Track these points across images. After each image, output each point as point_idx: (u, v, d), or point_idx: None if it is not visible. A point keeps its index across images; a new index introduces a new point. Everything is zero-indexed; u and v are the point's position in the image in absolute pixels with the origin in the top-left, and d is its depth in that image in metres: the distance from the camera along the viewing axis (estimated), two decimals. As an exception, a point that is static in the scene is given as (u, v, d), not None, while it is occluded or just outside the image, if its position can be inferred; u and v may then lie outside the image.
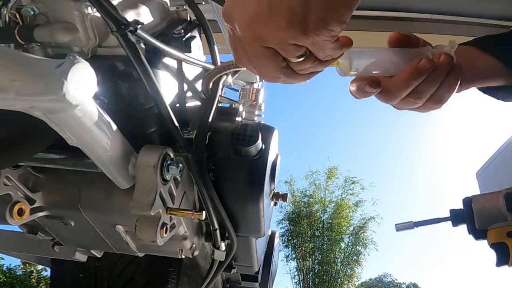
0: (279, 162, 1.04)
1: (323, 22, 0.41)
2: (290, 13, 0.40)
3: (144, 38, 0.64)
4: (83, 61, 0.49)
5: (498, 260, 0.79)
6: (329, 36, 0.43)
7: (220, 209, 0.89)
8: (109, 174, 0.69)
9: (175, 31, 0.83)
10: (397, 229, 0.89)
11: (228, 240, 1.01)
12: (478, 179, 4.62)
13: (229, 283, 1.72)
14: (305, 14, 0.40)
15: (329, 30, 0.42)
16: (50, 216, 0.85)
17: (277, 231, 1.87)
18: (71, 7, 0.65)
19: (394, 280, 17.84)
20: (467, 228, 0.83)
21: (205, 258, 1.36)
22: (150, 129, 0.78)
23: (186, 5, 0.94)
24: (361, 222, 13.45)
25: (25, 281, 11.35)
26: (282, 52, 0.45)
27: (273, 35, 0.42)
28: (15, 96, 0.45)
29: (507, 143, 3.97)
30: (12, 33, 0.64)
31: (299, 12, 0.40)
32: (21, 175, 0.78)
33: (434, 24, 2.50)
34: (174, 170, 0.74)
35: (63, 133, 0.55)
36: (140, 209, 0.70)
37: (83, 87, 0.50)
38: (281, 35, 0.42)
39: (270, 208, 1.11)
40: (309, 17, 0.40)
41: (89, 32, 0.67)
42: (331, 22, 0.41)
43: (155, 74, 0.65)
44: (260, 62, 0.47)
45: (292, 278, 13.18)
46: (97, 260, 1.32)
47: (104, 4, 0.57)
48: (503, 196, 0.79)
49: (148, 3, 0.80)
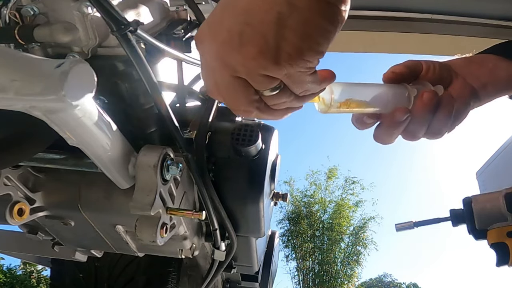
0: (279, 162, 1.04)
1: (298, 52, 0.37)
2: (262, 40, 0.36)
3: (144, 38, 0.64)
4: (83, 61, 0.49)
5: (498, 260, 0.79)
6: (305, 68, 0.39)
7: (220, 209, 0.89)
8: (109, 174, 0.69)
9: (175, 31, 0.83)
10: (397, 229, 0.89)
11: (228, 240, 1.01)
12: (478, 179, 4.62)
13: (229, 283, 1.72)
14: (278, 42, 0.37)
15: (305, 61, 0.38)
16: (50, 216, 0.85)
17: (277, 231, 1.87)
18: (71, 7, 0.65)
19: (394, 280, 17.84)
20: (467, 228, 0.83)
21: (205, 258, 1.36)
22: (150, 129, 0.78)
23: (186, 5, 0.94)
24: (361, 222, 13.47)
25: (25, 281, 11.36)
26: (253, 83, 0.41)
27: (243, 64, 0.38)
28: (15, 96, 0.45)
29: (507, 143, 3.97)
30: (12, 33, 0.64)
31: (272, 40, 0.36)
32: (21, 175, 0.78)
33: (434, 24, 2.50)
34: (174, 170, 0.74)
35: (63, 133, 0.55)
36: (140, 209, 0.70)
37: (83, 87, 0.50)
38: (251, 64, 0.38)
39: (270, 208, 1.11)
40: (283, 45, 0.37)
41: (89, 32, 0.67)
42: (307, 52, 0.38)
43: (155, 74, 0.65)
44: (230, 94, 0.43)
45: (292, 278, 13.20)
46: (97, 260, 1.32)
47: (104, 4, 0.57)
48: (503, 196, 0.79)
49: (148, 3, 0.80)
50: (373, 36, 2.63)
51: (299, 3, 0.36)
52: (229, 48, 0.38)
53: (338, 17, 0.38)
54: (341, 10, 0.38)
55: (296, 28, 0.36)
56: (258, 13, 0.36)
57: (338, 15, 0.38)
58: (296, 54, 0.37)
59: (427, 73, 0.60)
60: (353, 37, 2.68)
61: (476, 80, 0.60)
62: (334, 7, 0.37)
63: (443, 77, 0.60)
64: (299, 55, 0.38)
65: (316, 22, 0.37)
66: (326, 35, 0.38)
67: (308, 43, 0.37)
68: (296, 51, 0.37)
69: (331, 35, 0.38)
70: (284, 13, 0.36)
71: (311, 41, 0.37)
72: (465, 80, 0.60)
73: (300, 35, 0.37)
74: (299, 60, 0.38)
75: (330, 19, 0.37)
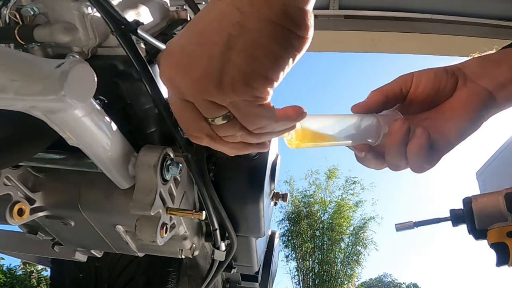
0: (279, 162, 1.04)
1: (242, 76, 0.34)
2: (207, 62, 0.34)
3: (144, 38, 0.64)
4: (83, 61, 0.49)
5: (498, 260, 0.79)
6: (251, 97, 0.36)
7: (220, 209, 0.89)
8: (109, 174, 0.69)
9: (175, 31, 0.83)
10: (397, 229, 0.89)
11: (228, 240, 1.01)
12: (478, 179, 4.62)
13: (229, 283, 1.72)
14: (223, 65, 0.34)
15: (250, 88, 0.35)
16: (50, 216, 0.85)
17: (277, 231, 1.87)
18: (71, 7, 0.65)
19: (394, 280, 17.85)
20: (467, 228, 0.83)
21: (205, 258, 1.36)
22: (150, 129, 0.78)
23: (186, 5, 0.94)
24: (361, 222, 13.48)
25: (25, 281, 11.36)
26: (200, 109, 0.38)
27: (188, 87, 0.36)
28: (15, 96, 0.45)
29: (507, 143, 3.97)
30: (12, 33, 0.64)
31: (217, 62, 0.34)
32: (21, 175, 0.78)
33: (434, 24, 2.50)
34: (174, 170, 0.74)
35: (63, 133, 0.55)
36: (140, 209, 0.70)
37: (83, 87, 0.50)
38: (196, 87, 0.36)
39: (270, 208, 1.11)
40: (227, 68, 0.34)
41: (89, 32, 0.67)
42: (252, 77, 0.35)
43: (155, 74, 0.65)
44: (179, 117, 0.41)
45: (292, 278, 13.20)
46: (97, 260, 1.32)
47: (104, 4, 0.57)
48: (503, 196, 0.79)
49: (148, 3, 0.80)
50: (373, 36, 2.63)
51: (250, 25, 0.33)
52: (178, 70, 0.36)
53: (293, 43, 0.35)
54: (297, 36, 0.35)
55: (243, 50, 0.34)
56: (210, 34, 0.34)
57: (292, 40, 0.35)
58: (240, 78, 0.35)
59: (417, 87, 0.53)
60: (353, 37, 2.68)
61: (492, 81, 0.51)
62: (288, 32, 0.34)
63: (441, 85, 0.52)
64: (243, 79, 0.35)
65: (265, 45, 0.34)
66: (276, 60, 0.35)
67: (253, 67, 0.34)
68: (240, 75, 0.34)
69: (282, 61, 0.35)
70: (234, 35, 0.34)
71: (257, 65, 0.35)
72: (477, 83, 0.51)
73: (246, 58, 0.34)
74: (243, 86, 0.35)
75: (282, 43, 0.35)
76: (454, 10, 2.45)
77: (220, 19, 0.34)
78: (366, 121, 0.53)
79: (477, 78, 0.51)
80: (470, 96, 0.51)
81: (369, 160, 0.55)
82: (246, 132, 0.41)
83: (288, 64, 0.36)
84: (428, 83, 0.52)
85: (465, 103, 0.51)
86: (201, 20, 0.36)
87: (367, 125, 0.53)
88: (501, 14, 2.40)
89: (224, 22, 0.34)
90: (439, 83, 0.52)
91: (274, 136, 0.44)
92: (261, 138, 0.43)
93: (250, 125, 0.40)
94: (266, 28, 0.34)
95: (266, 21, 0.34)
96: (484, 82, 0.51)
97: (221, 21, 0.34)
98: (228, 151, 0.45)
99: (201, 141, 0.43)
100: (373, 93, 0.54)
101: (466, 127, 0.51)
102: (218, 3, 0.35)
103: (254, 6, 0.33)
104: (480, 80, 0.51)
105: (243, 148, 0.45)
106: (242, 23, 0.33)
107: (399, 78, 0.54)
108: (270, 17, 0.33)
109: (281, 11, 0.34)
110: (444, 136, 0.51)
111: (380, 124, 0.53)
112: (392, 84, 0.54)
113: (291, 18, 0.34)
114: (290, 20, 0.34)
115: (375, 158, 0.54)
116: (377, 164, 0.55)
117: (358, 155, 0.55)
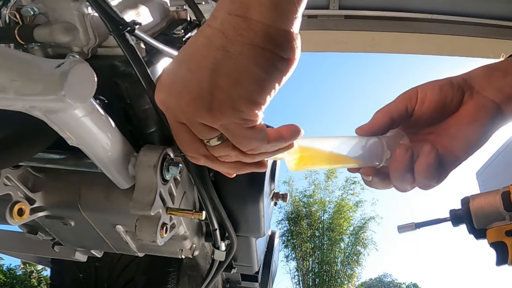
0: (279, 162, 1.04)
1: (229, 100, 0.35)
2: (197, 87, 0.35)
3: (143, 38, 0.64)
4: (83, 61, 0.49)
5: (498, 259, 0.79)
6: (239, 119, 0.37)
7: (220, 209, 0.89)
8: (109, 174, 0.69)
9: (175, 31, 0.83)
10: (399, 231, 0.89)
11: (228, 240, 1.01)
12: (478, 179, 4.62)
13: (229, 283, 1.72)
14: (212, 89, 0.35)
15: (237, 111, 0.36)
16: (50, 216, 0.85)
17: (277, 231, 1.87)
18: (71, 7, 0.65)
19: (394, 280, 17.83)
20: (466, 228, 0.83)
21: (205, 258, 1.36)
22: (150, 129, 0.78)
23: (186, 5, 0.94)
24: (361, 222, 13.47)
25: (25, 281, 11.36)
26: (194, 131, 0.39)
27: (181, 110, 0.37)
28: (15, 96, 0.45)
29: (507, 143, 3.97)
30: (12, 33, 0.64)
31: (206, 87, 0.35)
32: (21, 175, 0.78)
33: (434, 24, 2.50)
34: (174, 170, 0.74)
35: (63, 133, 0.55)
36: (140, 209, 0.70)
37: (83, 87, 0.50)
38: (187, 111, 0.37)
39: (270, 208, 1.11)
40: (215, 93, 0.35)
41: (89, 32, 0.67)
42: (238, 101, 0.35)
43: (155, 74, 0.65)
44: (176, 138, 0.42)
45: (292, 278, 13.20)
46: (97, 260, 1.32)
47: (102, 4, 0.57)
48: (500, 195, 0.79)
49: (148, 3, 0.80)
50: (373, 36, 2.63)
51: (232, 49, 0.34)
52: (171, 94, 0.37)
53: (276, 65, 0.35)
54: (281, 58, 0.35)
55: (228, 75, 0.34)
56: (199, 59, 0.35)
57: (277, 63, 0.35)
58: (227, 103, 0.35)
59: (423, 104, 0.51)
60: (353, 37, 2.68)
61: (499, 93, 0.48)
62: (270, 54, 0.34)
63: (447, 100, 0.50)
64: (230, 103, 0.35)
65: (248, 69, 0.34)
66: (260, 83, 0.35)
67: (238, 90, 0.35)
68: (227, 99, 0.35)
69: (267, 84, 0.36)
70: (219, 59, 0.34)
71: (243, 89, 0.35)
72: (484, 95, 0.49)
73: (231, 83, 0.35)
74: (231, 109, 0.36)
75: (265, 67, 0.35)
76: (454, 10, 2.45)
77: (207, 44, 0.35)
78: (370, 143, 0.51)
79: (483, 90, 0.49)
80: (477, 110, 0.49)
81: (376, 183, 0.54)
82: (239, 152, 0.41)
83: (274, 87, 0.36)
84: (434, 98, 0.50)
85: (472, 117, 0.49)
86: (191, 45, 0.37)
87: (371, 146, 0.51)
88: (501, 14, 2.40)
89: (210, 47, 0.34)
90: (445, 98, 0.50)
91: (269, 156, 0.44)
92: (255, 158, 0.43)
93: (242, 146, 0.40)
94: (249, 51, 0.34)
95: (249, 44, 0.34)
96: (491, 94, 0.49)
97: (207, 46, 0.35)
98: (226, 171, 0.46)
99: (198, 161, 0.44)
100: (378, 115, 0.52)
101: (474, 143, 0.49)
102: (206, 28, 0.35)
103: (238, 30, 0.34)
104: (486, 92, 0.49)
105: (241, 167, 0.45)
106: (226, 47, 0.34)
107: (402, 95, 0.52)
108: (253, 41, 0.34)
109: (264, 34, 0.34)
110: (451, 153, 0.50)
111: (384, 149, 0.52)
112: (396, 103, 0.52)
113: (274, 40, 0.34)
114: (274, 42, 0.34)
115: (382, 180, 0.53)
116: (384, 186, 0.54)
117: (365, 179, 0.54)
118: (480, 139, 0.49)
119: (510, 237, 0.77)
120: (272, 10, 0.33)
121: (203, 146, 0.41)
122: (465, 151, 0.50)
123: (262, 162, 0.46)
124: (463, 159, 0.50)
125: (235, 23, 0.33)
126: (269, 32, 0.34)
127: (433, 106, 0.50)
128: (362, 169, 0.53)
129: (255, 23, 0.33)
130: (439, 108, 0.50)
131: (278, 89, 0.37)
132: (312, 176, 13.91)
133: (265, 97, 0.36)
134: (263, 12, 0.33)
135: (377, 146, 0.52)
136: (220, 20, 0.34)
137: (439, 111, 0.51)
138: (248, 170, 0.46)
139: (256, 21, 0.33)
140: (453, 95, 0.50)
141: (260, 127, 0.39)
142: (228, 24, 0.34)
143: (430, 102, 0.50)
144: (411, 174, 0.49)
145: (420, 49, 2.74)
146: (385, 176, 0.53)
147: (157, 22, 0.84)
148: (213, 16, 0.35)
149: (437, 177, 0.49)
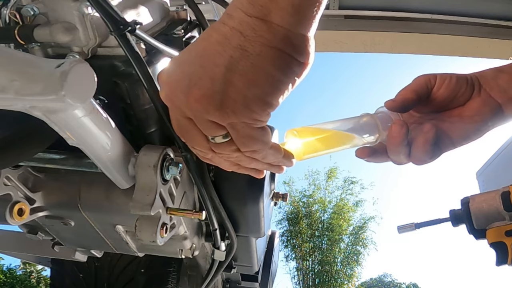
0: (279, 162, 1.03)
1: (243, 99, 0.35)
2: (209, 83, 0.35)
3: (143, 38, 0.64)
4: (83, 61, 0.49)
5: (498, 259, 0.79)
6: (250, 119, 0.37)
7: (220, 209, 0.89)
8: (109, 174, 0.69)
9: (175, 31, 0.83)
10: (399, 231, 0.89)
11: (228, 240, 1.01)
12: (478, 179, 4.62)
13: (229, 283, 1.72)
14: (225, 87, 0.35)
15: (250, 111, 0.36)
16: (50, 216, 0.85)
17: (277, 231, 1.87)
18: (71, 7, 0.65)
19: (394, 280, 17.84)
20: (466, 228, 0.83)
21: (205, 258, 1.36)
22: (150, 129, 0.78)
23: (186, 5, 0.94)
24: (360, 222, 13.47)
25: (25, 281, 11.36)
26: (200, 127, 0.39)
27: (188, 106, 0.37)
28: (15, 96, 0.45)
29: (507, 143, 3.98)
30: (12, 33, 0.64)
31: (219, 84, 0.35)
32: (21, 175, 0.78)
33: (434, 24, 2.50)
34: (174, 170, 0.74)
35: (63, 133, 0.55)
36: (140, 209, 0.70)
37: (83, 87, 0.50)
38: (196, 107, 0.36)
39: (270, 208, 1.11)
40: (229, 91, 0.35)
41: (89, 32, 0.67)
42: (253, 102, 0.35)
43: (155, 74, 0.65)
44: (182, 134, 0.43)
45: (292, 278, 13.19)
46: (97, 260, 1.32)
47: (103, 4, 0.57)
48: (500, 195, 0.79)
49: (148, 3, 0.80)
50: (373, 36, 2.63)
51: (252, 49, 0.34)
52: (178, 89, 0.37)
53: (293, 68, 0.36)
54: (297, 61, 0.36)
55: (244, 74, 0.34)
56: (213, 56, 0.35)
57: (292, 65, 0.36)
58: (241, 102, 0.35)
59: (439, 89, 0.54)
60: (353, 37, 2.68)
61: (502, 94, 0.52)
62: (288, 57, 0.35)
63: (459, 93, 0.53)
64: (243, 102, 0.35)
65: (265, 70, 0.35)
66: (276, 85, 0.36)
67: (254, 91, 0.35)
68: (241, 98, 0.35)
69: (282, 85, 0.36)
70: (236, 58, 0.34)
71: (258, 89, 0.35)
72: (489, 94, 0.53)
73: (247, 82, 0.35)
74: (243, 109, 0.36)
75: (282, 69, 0.35)
76: (454, 10, 2.45)
77: (223, 42, 0.35)
78: (364, 124, 0.54)
79: (490, 89, 0.53)
80: (481, 107, 0.52)
81: (375, 159, 0.56)
82: (239, 153, 0.42)
83: (287, 89, 0.37)
84: (450, 87, 0.53)
85: (475, 112, 0.53)
86: (202, 42, 0.36)
87: (366, 125, 0.54)
88: (501, 14, 2.40)
89: (227, 45, 0.34)
90: (458, 90, 0.53)
91: (264, 166, 0.45)
92: (251, 163, 0.44)
93: (244, 146, 0.41)
94: (268, 53, 0.34)
95: (269, 46, 0.34)
96: (496, 94, 0.52)
97: (223, 44, 0.35)
98: (227, 168, 0.47)
99: (206, 155, 0.44)
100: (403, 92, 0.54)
101: (471, 135, 0.53)
102: (221, 26, 0.35)
103: (257, 31, 0.34)
104: (492, 92, 0.53)
105: (240, 168, 0.46)
106: (244, 47, 0.34)
107: (422, 76, 0.55)
108: (273, 43, 0.34)
109: (284, 37, 0.34)
110: (448, 137, 0.53)
111: (380, 130, 0.55)
112: (417, 82, 0.55)
113: (293, 44, 0.35)
114: (292, 46, 0.35)
115: (380, 156, 0.56)
116: (382, 160, 0.57)
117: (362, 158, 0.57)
118: (478, 132, 0.53)
119: (510, 237, 0.77)
120: (294, 15, 0.34)
121: (207, 142, 0.42)
122: (461, 139, 0.54)
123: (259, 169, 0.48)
124: (458, 145, 0.54)
125: (254, 25, 0.34)
126: (289, 36, 0.34)
127: (446, 94, 0.53)
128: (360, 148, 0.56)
129: (275, 26, 0.34)
130: (451, 97, 0.54)
131: (290, 92, 0.38)
132: (312, 176, 13.93)
133: (278, 99, 0.37)
134: (285, 16, 0.33)
135: (371, 123, 0.55)
136: (238, 20, 0.34)
137: (449, 99, 0.54)
138: (245, 172, 0.47)
139: (277, 24, 0.34)
140: (465, 89, 0.53)
141: (266, 129, 0.40)
142: (247, 25, 0.34)
143: (445, 89, 0.53)
144: (406, 148, 0.52)
145: (420, 49, 2.74)
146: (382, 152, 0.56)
147: (157, 22, 0.84)
148: (227, 15, 0.35)
149: (431, 154, 0.52)
